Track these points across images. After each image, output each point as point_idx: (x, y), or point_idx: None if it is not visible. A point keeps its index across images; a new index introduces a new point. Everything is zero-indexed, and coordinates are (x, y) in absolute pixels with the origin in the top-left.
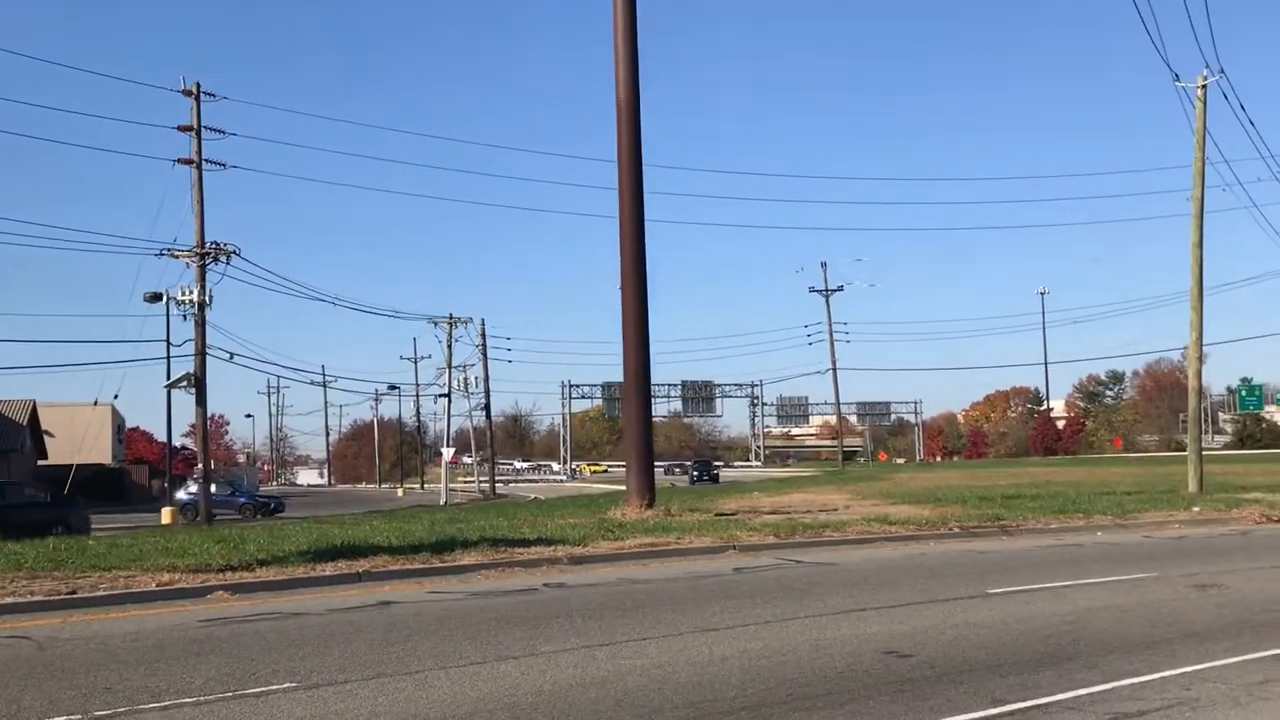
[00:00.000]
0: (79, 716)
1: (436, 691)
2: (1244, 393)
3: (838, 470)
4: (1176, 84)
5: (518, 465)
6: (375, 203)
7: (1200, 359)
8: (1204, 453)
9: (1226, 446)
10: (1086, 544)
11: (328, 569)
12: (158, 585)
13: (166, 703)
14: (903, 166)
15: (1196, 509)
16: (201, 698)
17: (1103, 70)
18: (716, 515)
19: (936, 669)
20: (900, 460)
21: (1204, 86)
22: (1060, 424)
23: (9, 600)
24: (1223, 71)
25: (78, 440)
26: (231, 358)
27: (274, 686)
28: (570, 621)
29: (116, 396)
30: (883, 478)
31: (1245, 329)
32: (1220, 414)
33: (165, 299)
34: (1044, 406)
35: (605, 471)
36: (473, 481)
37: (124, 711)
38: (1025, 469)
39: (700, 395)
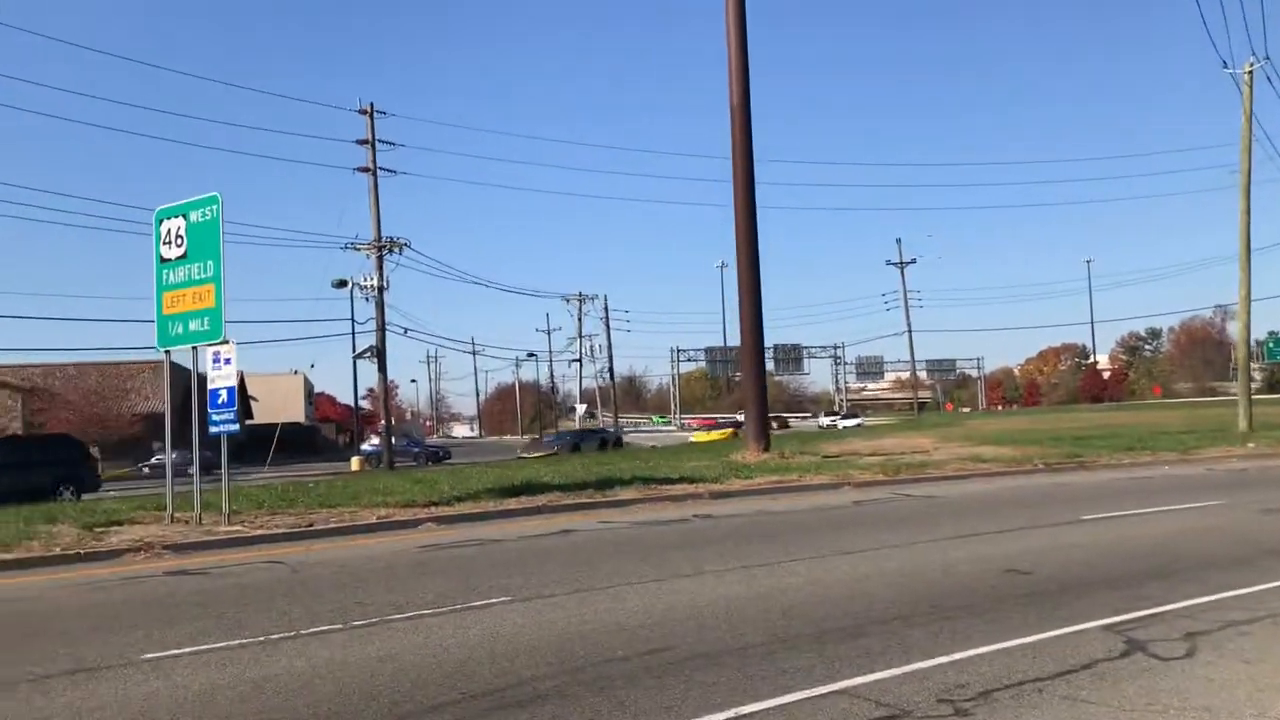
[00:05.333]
0: (340, 626)
1: (629, 603)
2: (1271, 344)
3: (915, 419)
4: (1225, 70)
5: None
6: (518, 199)
7: (1249, 313)
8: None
9: (1257, 392)
10: (1156, 476)
11: (513, 504)
12: (377, 519)
13: (409, 614)
14: (967, 148)
15: (1251, 445)
16: (437, 610)
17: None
18: (824, 457)
19: (1056, 583)
20: (965, 409)
21: (1250, 72)
22: (1105, 375)
23: (260, 532)
24: (1268, 57)
25: (277, 404)
26: (405, 333)
27: (493, 600)
28: (724, 546)
29: (313, 366)
30: (956, 424)
31: (1275, 288)
32: (1250, 364)
33: (349, 285)
34: (1090, 360)
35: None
36: None
37: (375, 622)
38: (1078, 415)
39: (790, 356)
